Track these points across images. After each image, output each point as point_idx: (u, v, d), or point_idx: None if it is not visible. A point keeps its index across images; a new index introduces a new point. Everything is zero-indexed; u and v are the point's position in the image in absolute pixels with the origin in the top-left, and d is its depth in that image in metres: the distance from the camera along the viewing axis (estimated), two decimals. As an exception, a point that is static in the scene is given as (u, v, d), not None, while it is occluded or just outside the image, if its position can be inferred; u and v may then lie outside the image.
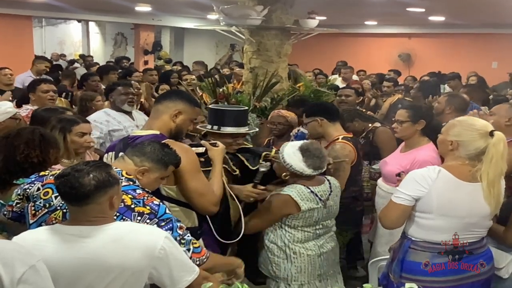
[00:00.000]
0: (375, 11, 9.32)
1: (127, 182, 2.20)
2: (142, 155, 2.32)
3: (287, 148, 3.01)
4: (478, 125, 2.50)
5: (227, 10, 5.35)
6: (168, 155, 2.35)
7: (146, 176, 2.31)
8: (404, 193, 2.50)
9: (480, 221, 2.51)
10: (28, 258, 1.56)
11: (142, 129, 2.81)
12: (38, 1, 9.32)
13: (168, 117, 2.69)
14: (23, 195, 2.28)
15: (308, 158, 2.94)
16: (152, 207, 2.14)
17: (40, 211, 2.17)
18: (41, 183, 2.25)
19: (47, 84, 4.73)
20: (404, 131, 3.57)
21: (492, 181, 2.41)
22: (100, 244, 1.87)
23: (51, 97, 4.63)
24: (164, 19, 12.71)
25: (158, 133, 2.64)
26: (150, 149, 2.33)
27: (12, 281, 1.49)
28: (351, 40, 13.09)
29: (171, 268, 1.95)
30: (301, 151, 2.95)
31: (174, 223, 2.15)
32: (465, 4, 7.73)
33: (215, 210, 2.63)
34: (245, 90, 5.58)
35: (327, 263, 3.07)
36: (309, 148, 2.96)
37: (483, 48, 11.67)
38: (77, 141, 3.15)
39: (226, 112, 3.17)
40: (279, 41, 5.63)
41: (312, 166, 2.94)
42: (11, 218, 2.35)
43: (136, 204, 2.12)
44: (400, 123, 3.57)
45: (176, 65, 11.43)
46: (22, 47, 9.98)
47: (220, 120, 3.12)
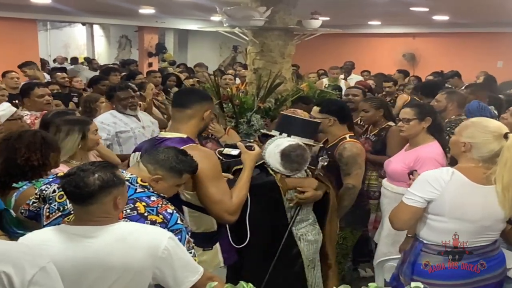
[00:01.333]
0: (378, 11, 9.30)
1: (141, 189, 2.22)
2: (156, 163, 2.32)
3: (271, 146, 3.01)
4: (492, 127, 2.45)
5: (230, 11, 5.35)
6: (183, 163, 2.33)
7: (160, 184, 2.31)
8: (416, 195, 2.44)
9: (494, 224, 2.47)
10: (38, 259, 1.57)
11: (168, 131, 2.77)
12: (43, 4, 9.36)
13: (198, 120, 2.70)
14: (39, 195, 2.28)
15: (286, 162, 2.95)
16: (165, 215, 2.15)
17: (54, 213, 2.18)
18: (57, 185, 2.24)
19: (41, 88, 4.67)
20: (411, 129, 3.53)
21: (507, 185, 2.35)
22: (104, 244, 1.88)
23: (47, 101, 4.60)
24: (167, 21, 12.73)
25: (185, 136, 2.63)
26: (163, 157, 2.33)
27: (23, 283, 1.50)
28: (355, 40, 13.07)
29: (175, 268, 1.96)
30: (281, 155, 2.95)
31: (184, 234, 2.15)
32: (469, 3, 7.71)
33: (231, 219, 2.57)
34: (249, 91, 5.58)
35: (307, 248, 3.07)
36: (291, 154, 2.95)
37: (488, 48, 11.59)
38: (94, 139, 3.22)
39: (300, 121, 3.17)
40: (283, 41, 5.61)
41: (289, 169, 2.97)
42: (28, 217, 2.35)
43: (149, 212, 2.13)
44: (407, 121, 3.53)
45: (180, 67, 11.45)
46: (28, 51, 10.03)
47: (288, 128, 3.12)
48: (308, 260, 3.08)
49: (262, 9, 5.29)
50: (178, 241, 2.03)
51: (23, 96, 4.66)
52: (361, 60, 11.90)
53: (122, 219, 2.09)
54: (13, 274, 1.49)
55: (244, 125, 4.75)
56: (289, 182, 3.00)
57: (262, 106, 5.04)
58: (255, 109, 4.96)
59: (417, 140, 3.55)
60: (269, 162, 2.97)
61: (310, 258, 3.10)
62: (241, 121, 4.81)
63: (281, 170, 2.96)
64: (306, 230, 3.10)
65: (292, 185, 3.00)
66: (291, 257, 3.00)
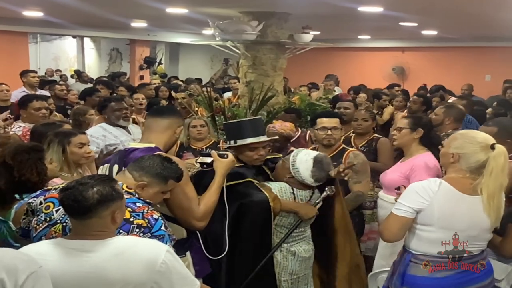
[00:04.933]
0: (368, 26, 9.36)
1: (127, 195, 2.20)
2: (141, 169, 2.33)
3: (302, 153, 3.05)
4: (479, 138, 2.50)
5: (222, 25, 5.40)
6: (167, 169, 2.35)
7: (146, 191, 2.31)
8: (405, 205, 2.48)
9: (481, 234, 2.51)
10: (30, 264, 1.58)
11: (141, 142, 2.82)
12: (34, 17, 9.32)
13: (172, 133, 2.76)
14: (27, 209, 2.28)
15: (317, 170, 2.97)
16: (150, 220, 2.15)
17: (41, 224, 2.17)
18: (43, 196, 2.25)
19: (40, 101, 4.66)
20: (402, 138, 3.58)
21: (492, 194, 2.41)
22: (102, 259, 1.87)
23: (43, 115, 4.59)
24: (159, 34, 12.73)
25: (153, 145, 2.66)
26: (149, 164, 2.34)
27: (15, 287, 1.52)
28: (345, 54, 13.14)
29: (173, 282, 1.94)
30: (314, 161, 2.98)
31: (165, 241, 2.14)
32: (456, 18, 7.78)
33: (199, 225, 2.60)
34: (241, 103, 5.60)
35: (299, 264, 3.06)
36: (323, 161, 3.00)
37: (476, 61, 11.73)
38: (77, 152, 3.15)
39: (241, 124, 3.14)
40: (274, 55, 5.68)
41: (316, 178, 2.98)
42: (22, 235, 2.34)
43: (135, 218, 2.13)
44: (399, 130, 3.59)
45: (172, 80, 11.43)
46: (18, 63, 9.93)
47: (235, 133, 3.08)
48: (297, 277, 3.06)
49: (254, 23, 5.37)
50: (176, 255, 2.01)
51: (20, 108, 4.65)
52: (351, 73, 12.01)
53: None
54: (6, 280, 1.50)
55: (237, 138, 4.74)
56: (286, 205, 2.97)
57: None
58: (248, 122, 4.98)
59: (410, 151, 3.59)
60: (299, 168, 2.98)
61: (301, 274, 3.09)
62: (233, 133, 4.80)
63: (307, 178, 2.98)
64: (300, 246, 3.08)
65: (288, 208, 2.98)
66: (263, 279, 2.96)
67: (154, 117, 2.82)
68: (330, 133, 3.71)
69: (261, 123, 3.26)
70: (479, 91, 9.94)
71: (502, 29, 9.02)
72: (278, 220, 3.00)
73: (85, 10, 7.56)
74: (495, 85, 10.14)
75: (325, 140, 3.73)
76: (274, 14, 5.67)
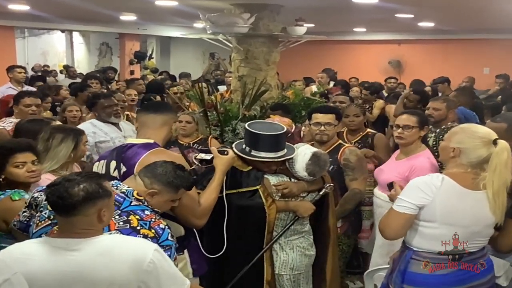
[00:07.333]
0: (363, 18, 9.29)
1: (136, 202, 2.23)
2: (153, 177, 2.32)
3: (304, 147, 3.08)
4: (481, 133, 2.48)
5: (213, 18, 5.31)
6: (180, 178, 2.34)
7: (155, 199, 2.30)
8: (407, 201, 2.43)
9: (484, 230, 2.49)
10: (3, 271, 1.61)
11: (138, 137, 2.80)
12: (21, 11, 9.19)
13: (169, 128, 2.83)
14: (30, 203, 2.25)
15: (313, 163, 2.97)
16: (157, 230, 2.16)
17: (44, 221, 2.16)
18: None
19: (31, 98, 4.63)
20: (412, 137, 3.53)
21: (497, 190, 2.39)
22: (87, 257, 1.86)
23: (33, 112, 4.54)
24: (149, 28, 12.63)
25: (152, 141, 2.68)
26: (161, 171, 2.32)
27: None
28: (340, 47, 13.07)
29: (161, 282, 1.92)
30: (313, 155, 2.98)
31: (173, 251, 2.17)
32: (454, 10, 7.71)
33: (199, 223, 2.62)
34: (233, 98, 5.52)
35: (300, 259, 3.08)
36: (321, 157, 3.01)
37: (474, 54, 11.72)
38: (84, 150, 3.24)
39: (259, 136, 2.98)
40: (267, 48, 5.61)
41: (309, 171, 2.97)
42: (20, 229, 2.35)
43: (142, 226, 2.14)
44: (410, 128, 3.51)
45: (163, 75, 11.33)
46: (4, 58, 9.76)
47: (253, 142, 2.99)
48: (299, 274, 3.07)
49: (246, 15, 5.27)
50: (164, 253, 2.00)
51: (14, 103, 4.65)
52: (346, 67, 11.89)
53: (114, 231, 2.08)
54: None
55: (229, 134, 4.73)
56: (286, 205, 2.99)
57: (248, 114, 5.00)
58: (240, 117, 4.92)
59: (410, 148, 3.55)
60: (295, 160, 2.99)
61: (302, 270, 3.07)
62: (226, 129, 4.79)
63: (300, 171, 2.99)
64: (300, 243, 3.08)
65: (288, 208, 3.00)
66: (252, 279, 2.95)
67: (149, 113, 2.82)
68: (323, 129, 3.64)
69: (283, 138, 3.08)
70: (478, 84, 9.94)
71: (500, 21, 8.99)
72: (281, 222, 3.03)
73: (73, 3, 7.51)
74: (494, 77, 10.05)
75: (317, 136, 3.67)
76: (267, 6, 5.59)
